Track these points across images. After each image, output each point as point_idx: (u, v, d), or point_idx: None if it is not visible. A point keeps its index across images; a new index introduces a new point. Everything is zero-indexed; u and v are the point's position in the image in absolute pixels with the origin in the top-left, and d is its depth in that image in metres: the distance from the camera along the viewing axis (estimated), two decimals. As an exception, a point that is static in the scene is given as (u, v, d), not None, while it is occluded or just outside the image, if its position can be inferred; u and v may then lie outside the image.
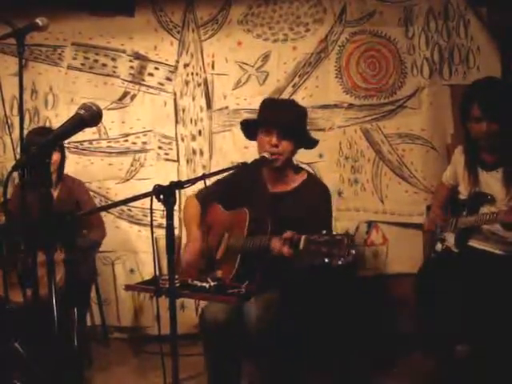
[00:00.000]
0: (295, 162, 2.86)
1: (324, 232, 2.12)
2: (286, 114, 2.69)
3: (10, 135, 2.96)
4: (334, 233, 2.12)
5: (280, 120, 2.65)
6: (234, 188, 2.83)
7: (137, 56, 3.98)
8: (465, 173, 2.95)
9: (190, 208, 2.99)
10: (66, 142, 3.68)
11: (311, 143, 2.81)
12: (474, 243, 2.87)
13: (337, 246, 2.07)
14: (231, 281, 2.57)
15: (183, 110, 3.99)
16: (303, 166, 3.09)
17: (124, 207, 4.00)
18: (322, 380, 3.13)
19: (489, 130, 2.73)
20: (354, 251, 2.10)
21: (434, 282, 2.81)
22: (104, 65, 4.00)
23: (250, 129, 2.85)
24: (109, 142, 4.02)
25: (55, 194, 3.53)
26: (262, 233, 2.57)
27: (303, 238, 2.20)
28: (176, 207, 1.95)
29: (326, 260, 2.08)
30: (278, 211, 2.64)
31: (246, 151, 3.51)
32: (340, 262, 2.06)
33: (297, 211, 2.58)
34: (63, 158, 3.58)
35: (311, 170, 3.50)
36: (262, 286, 2.53)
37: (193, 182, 2.19)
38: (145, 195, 1.95)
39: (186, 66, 3.97)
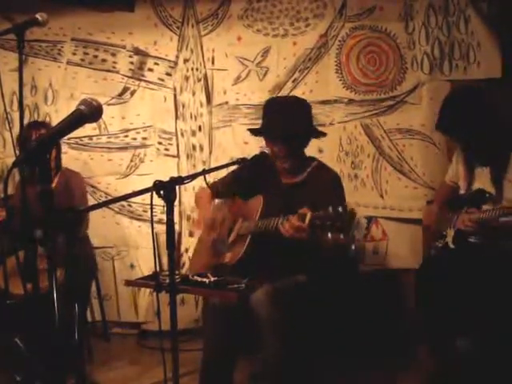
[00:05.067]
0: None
1: (330, 208, 2.17)
2: (288, 122, 2.69)
3: (10, 131, 2.96)
4: (340, 208, 2.16)
5: (282, 131, 2.67)
6: (247, 181, 2.86)
7: (136, 51, 3.98)
8: (464, 168, 2.96)
9: (202, 197, 3.04)
10: (65, 137, 3.68)
11: (319, 134, 2.83)
12: (472, 238, 2.88)
13: (339, 218, 2.11)
14: (237, 262, 2.61)
15: (183, 106, 3.99)
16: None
17: (124, 203, 4.00)
18: (325, 374, 3.13)
19: (466, 148, 2.80)
20: (353, 246, 2.14)
21: (434, 278, 2.82)
22: (104, 60, 4.00)
23: (254, 134, 2.89)
24: (109, 137, 4.03)
25: (52, 185, 3.53)
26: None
27: (309, 214, 2.24)
28: (176, 203, 1.96)
29: (330, 235, 2.12)
30: (290, 200, 2.66)
31: (246, 146, 3.51)
32: (342, 236, 2.10)
33: (307, 199, 2.59)
34: (58, 149, 3.58)
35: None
36: (269, 274, 2.56)
37: (193, 177, 2.20)
38: (145, 191, 1.96)
39: (185, 61, 3.96)
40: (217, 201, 2.97)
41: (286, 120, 2.71)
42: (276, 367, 2.54)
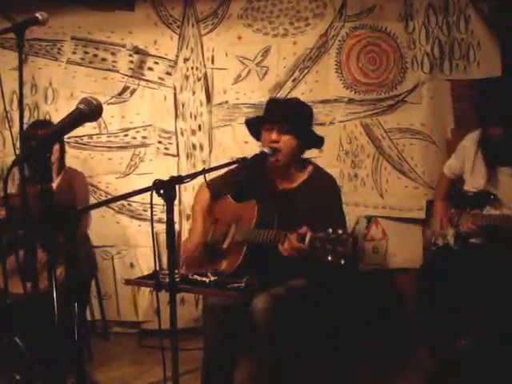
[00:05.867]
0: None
1: (330, 230, 2.13)
2: (286, 109, 2.70)
3: (10, 130, 2.96)
4: (340, 231, 2.13)
5: (279, 114, 2.66)
6: (244, 181, 2.85)
7: (136, 50, 3.98)
8: (475, 164, 2.96)
9: (200, 198, 3.02)
10: (65, 136, 3.68)
11: (317, 141, 2.81)
12: (473, 239, 2.88)
13: (341, 244, 2.08)
14: (235, 271, 2.59)
15: (183, 105, 3.99)
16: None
17: (124, 202, 4.00)
18: (323, 375, 3.14)
19: (505, 133, 2.76)
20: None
21: (435, 278, 2.82)
22: (104, 59, 3.99)
23: (254, 129, 2.84)
24: (109, 136, 4.02)
25: (55, 184, 3.53)
26: (268, 226, 2.58)
27: (309, 234, 2.21)
28: (176, 202, 1.96)
29: (330, 258, 2.09)
30: (285, 207, 2.65)
31: (246, 146, 3.50)
32: (343, 262, 2.07)
33: (303, 206, 2.60)
34: (62, 149, 3.58)
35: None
36: (267, 281, 2.55)
37: (193, 176, 2.19)
38: (145, 190, 1.95)
39: (185, 60, 3.96)
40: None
41: (287, 107, 2.73)
42: (271, 371, 2.52)
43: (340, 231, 2.11)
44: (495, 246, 2.77)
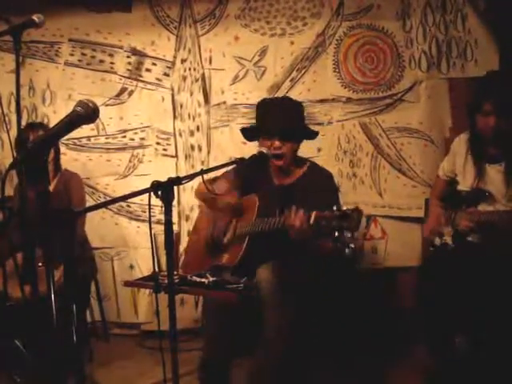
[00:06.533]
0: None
1: (335, 208, 2.16)
2: (286, 120, 2.72)
3: (8, 132, 2.95)
4: (344, 208, 2.15)
5: (281, 127, 2.68)
6: (243, 180, 2.86)
7: (134, 52, 3.98)
8: (466, 164, 2.95)
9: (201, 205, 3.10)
10: (63, 138, 3.68)
11: (312, 135, 2.83)
12: (470, 237, 2.88)
13: (347, 219, 2.11)
14: (237, 264, 2.60)
15: (181, 106, 3.99)
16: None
17: (123, 203, 4.00)
18: (323, 374, 3.14)
19: (496, 125, 2.75)
20: (353, 245, 2.14)
21: (435, 277, 2.82)
22: (101, 61, 3.99)
23: (251, 134, 2.87)
24: (107, 138, 4.02)
25: (51, 187, 3.52)
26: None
27: (314, 213, 2.24)
28: (175, 203, 1.96)
29: (336, 234, 2.11)
30: (285, 200, 2.66)
31: (244, 146, 3.50)
32: (349, 235, 2.09)
33: (302, 198, 2.61)
34: (57, 151, 3.58)
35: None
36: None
37: (191, 177, 2.19)
38: (143, 191, 1.95)
39: (183, 61, 3.96)
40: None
41: (284, 116, 2.74)
42: (276, 348, 2.50)
43: (344, 208, 2.15)
44: (492, 243, 2.77)
